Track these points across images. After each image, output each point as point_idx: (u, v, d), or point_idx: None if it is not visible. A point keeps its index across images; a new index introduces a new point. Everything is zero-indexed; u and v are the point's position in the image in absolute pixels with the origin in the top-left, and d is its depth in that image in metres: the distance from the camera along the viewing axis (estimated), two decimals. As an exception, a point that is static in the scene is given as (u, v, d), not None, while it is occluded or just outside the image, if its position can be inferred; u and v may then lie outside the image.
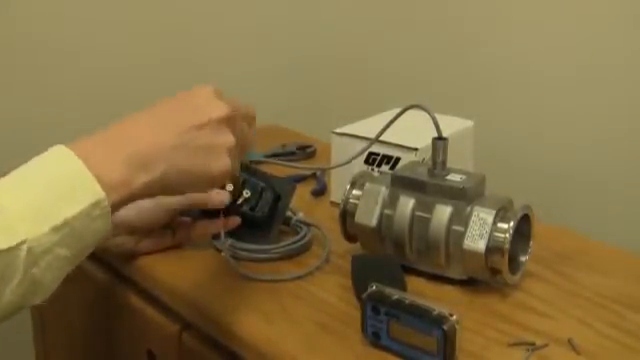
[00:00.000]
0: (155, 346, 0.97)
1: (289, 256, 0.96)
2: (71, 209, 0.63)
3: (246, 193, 0.94)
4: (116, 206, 0.66)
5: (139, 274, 0.96)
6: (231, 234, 0.95)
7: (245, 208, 0.94)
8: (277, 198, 0.96)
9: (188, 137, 0.69)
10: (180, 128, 0.69)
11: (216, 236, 0.94)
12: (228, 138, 0.72)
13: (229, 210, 0.93)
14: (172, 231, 0.96)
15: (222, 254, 0.92)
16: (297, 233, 0.99)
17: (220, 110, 0.71)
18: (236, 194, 0.91)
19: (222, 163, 0.72)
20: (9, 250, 0.61)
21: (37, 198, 0.63)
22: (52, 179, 0.64)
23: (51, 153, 0.66)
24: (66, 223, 0.63)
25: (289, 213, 1.01)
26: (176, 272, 0.93)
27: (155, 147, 0.68)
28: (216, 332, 0.86)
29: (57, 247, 0.64)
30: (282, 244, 0.96)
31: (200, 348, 0.90)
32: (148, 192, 0.69)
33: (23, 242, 0.62)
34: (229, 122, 0.72)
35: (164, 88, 1.04)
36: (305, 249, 0.97)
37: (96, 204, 0.64)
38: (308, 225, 1.00)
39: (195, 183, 0.72)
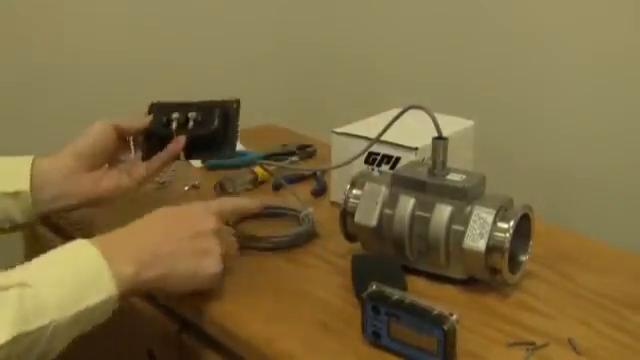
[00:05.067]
0: (155, 346, 0.97)
1: (291, 246, 0.97)
2: (92, 299, 0.75)
3: (191, 115, 0.98)
4: (124, 296, 0.78)
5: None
6: (189, 155, 0.99)
7: (193, 127, 0.98)
8: (224, 114, 0.99)
9: (185, 244, 0.83)
10: (179, 237, 0.83)
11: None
12: (216, 245, 0.85)
13: (175, 134, 0.98)
14: (128, 173, 0.99)
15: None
16: (300, 225, 1.00)
17: (211, 223, 0.85)
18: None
19: (212, 265, 0.84)
20: (39, 329, 0.72)
21: (66, 285, 0.75)
22: (78, 270, 0.76)
23: (76, 246, 0.78)
24: (87, 310, 0.75)
25: (298, 206, 1.02)
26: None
27: (160, 251, 0.81)
28: (216, 332, 0.86)
29: (74, 327, 0.75)
30: (285, 234, 0.98)
31: (200, 348, 0.90)
32: (148, 287, 0.83)
33: (52, 322, 0.73)
34: (218, 233, 0.85)
35: (164, 90, 1.05)
36: (306, 240, 0.98)
37: (110, 298, 0.76)
38: (310, 220, 1.01)
39: (189, 283, 0.84)
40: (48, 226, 1.08)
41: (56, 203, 0.96)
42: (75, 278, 0.75)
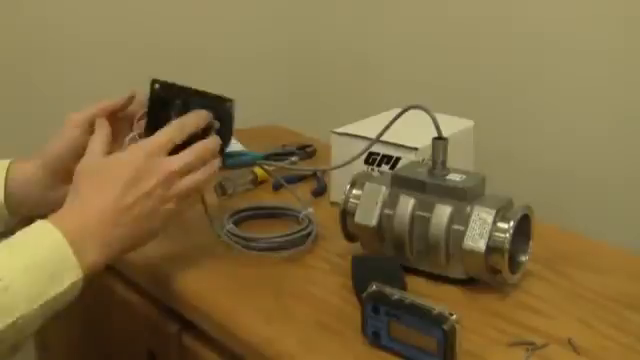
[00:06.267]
0: (155, 346, 0.97)
1: (291, 246, 0.96)
2: (59, 287, 0.76)
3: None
4: (87, 280, 0.79)
5: (139, 274, 0.97)
6: None
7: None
8: (218, 118, 0.93)
9: (137, 210, 0.81)
10: (128, 203, 0.81)
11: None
12: (175, 188, 0.84)
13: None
14: None
15: (220, 238, 0.93)
16: (300, 225, 1.00)
17: (154, 175, 0.83)
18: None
19: (154, 227, 0.84)
20: (7, 326, 0.73)
21: (34, 275, 0.75)
22: (44, 258, 0.76)
23: (40, 230, 0.78)
24: (54, 298, 0.76)
25: (298, 206, 1.02)
26: (176, 272, 0.92)
27: (115, 228, 0.81)
28: (216, 332, 0.86)
29: (40, 318, 0.76)
30: (285, 234, 0.97)
31: (200, 348, 0.90)
32: (112, 261, 0.83)
33: (20, 317, 0.73)
34: (170, 178, 0.83)
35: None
36: (306, 240, 0.98)
37: (75, 283, 0.77)
38: (311, 220, 1.00)
39: (141, 244, 0.85)
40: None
41: (34, 211, 0.91)
42: (42, 266, 0.75)
